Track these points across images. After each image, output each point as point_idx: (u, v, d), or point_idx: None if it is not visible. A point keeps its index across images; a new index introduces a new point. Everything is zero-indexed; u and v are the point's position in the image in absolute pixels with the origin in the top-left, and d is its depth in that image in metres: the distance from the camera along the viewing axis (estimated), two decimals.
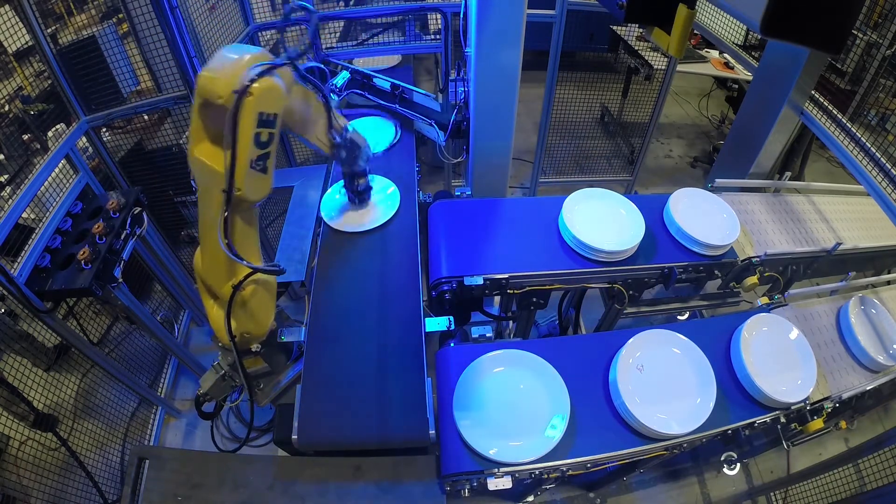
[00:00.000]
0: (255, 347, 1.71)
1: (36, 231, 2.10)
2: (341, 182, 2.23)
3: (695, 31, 3.75)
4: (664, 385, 1.61)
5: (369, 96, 2.71)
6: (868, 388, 1.81)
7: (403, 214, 2.21)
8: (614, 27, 4.87)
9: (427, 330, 1.80)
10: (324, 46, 3.12)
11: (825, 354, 1.86)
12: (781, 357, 1.74)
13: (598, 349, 1.73)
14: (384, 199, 2.26)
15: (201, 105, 1.29)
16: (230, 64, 1.25)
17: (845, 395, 1.75)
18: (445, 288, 1.89)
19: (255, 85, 1.23)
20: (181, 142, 2.90)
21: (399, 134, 2.65)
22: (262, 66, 1.26)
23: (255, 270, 1.46)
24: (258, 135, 1.30)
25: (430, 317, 1.85)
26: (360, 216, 2.19)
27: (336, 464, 1.61)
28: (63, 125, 2.31)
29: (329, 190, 2.33)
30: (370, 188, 2.21)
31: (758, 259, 2.06)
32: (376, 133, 2.64)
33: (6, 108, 2.46)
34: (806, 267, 2.21)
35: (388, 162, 2.50)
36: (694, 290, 2.29)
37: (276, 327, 1.79)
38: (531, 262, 1.93)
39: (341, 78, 2.66)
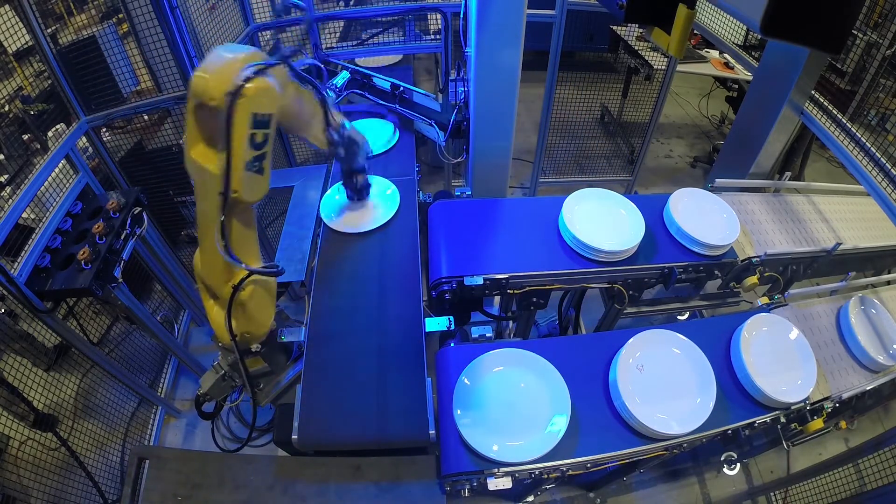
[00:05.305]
0: (255, 347, 1.71)
1: (36, 231, 2.10)
2: (340, 183, 2.22)
3: (695, 31, 3.75)
4: (664, 385, 1.61)
5: (369, 96, 2.71)
6: (868, 388, 1.81)
7: (403, 214, 2.21)
8: (614, 27, 4.88)
9: (427, 330, 1.80)
10: (324, 46, 3.12)
11: (825, 354, 1.86)
12: (781, 357, 1.74)
13: (598, 349, 1.73)
14: (384, 199, 2.26)
15: (195, 107, 1.27)
16: (223, 64, 1.23)
17: (845, 395, 1.75)
18: (445, 288, 1.88)
19: (248, 86, 1.21)
20: (181, 142, 2.90)
21: (398, 135, 2.65)
22: (255, 66, 1.24)
23: (253, 272, 1.45)
24: (253, 136, 1.28)
25: (430, 317, 1.85)
26: (359, 217, 2.19)
27: (336, 464, 1.61)
28: (63, 125, 2.31)
29: (328, 191, 2.33)
30: (369, 185, 2.20)
31: (758, 259, 2.06)
32: (376, 134, 2.64)
33: (6, 108, 2.46)
34: (806, 267, 2.21)
35: (388, 162, 2.50)
36: (694, 290, 2.29)
37: (276, 327, 1.79)
38: (531, 262, 1.93)
39: (341, 78, 2.66)
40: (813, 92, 2.30)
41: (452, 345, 1.81)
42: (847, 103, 2.19)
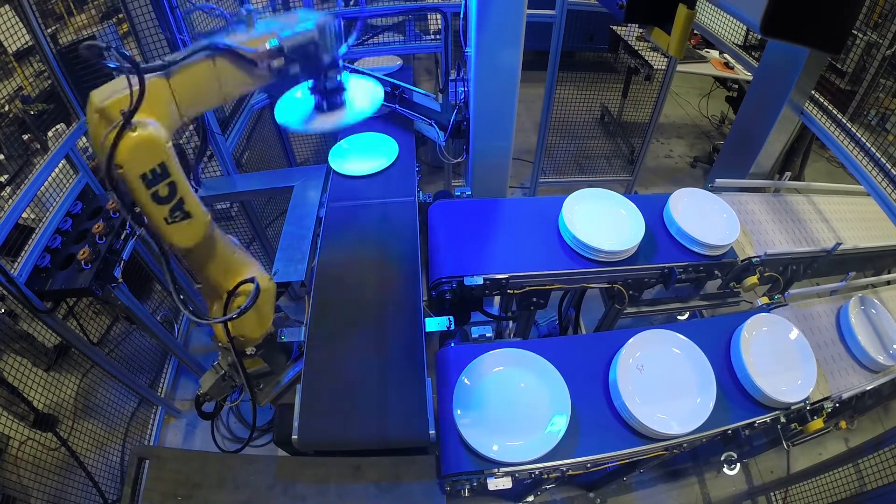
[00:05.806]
0: (249, 351, 1.70)
1: (36, 231, 2.10)
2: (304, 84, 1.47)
3: (695, 31, 3.75)
4: (664, 385, 1.61)
5: None
6: (868, 388, 1.81)
7: (404, 215, 2.21)
8: (614, 27, 4.88)
9: (427, 330, 1.80)
10: None
11: (825, 354, 1.86)
12: (781, 357, 1.74)
13: (598, 349, 1.73)
14: (362, 95, 1.51)
15: None
16: (92, 127, 1.01)
17: (845, 395, 1.75)
18: (445, 288, 1.88)
19: (118, 154, 0.99)
20: (181, 142, 2.90)
21: (398, 150, 2.58)
22: (113, 127, 0.97)
23: (215, 322, 1.44)
24: (155, 194, 1.10)
25: (430, 317, 1.85)
26: (332, 118, 1.45)
27: (336, 464, 1.61)
28: (63, 125, 2.31)
29: (289, 90, 1.52)
30: (342, 88, 1.44)
31: (758, 259, 2.06)
32: (375, 151, 2.59)
33: (6, 108, 2.46)
34: (806, 267, 2.21)
35: (387, 180, 2.45)
36: (694, 290, 2.29)
37: (273, 330, 1.78)
38: (531, 262, 1.93)
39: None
40: (813, 92, 2.30)
41: (452, 345, 1.81)
42: (847, 103, 2.19)
